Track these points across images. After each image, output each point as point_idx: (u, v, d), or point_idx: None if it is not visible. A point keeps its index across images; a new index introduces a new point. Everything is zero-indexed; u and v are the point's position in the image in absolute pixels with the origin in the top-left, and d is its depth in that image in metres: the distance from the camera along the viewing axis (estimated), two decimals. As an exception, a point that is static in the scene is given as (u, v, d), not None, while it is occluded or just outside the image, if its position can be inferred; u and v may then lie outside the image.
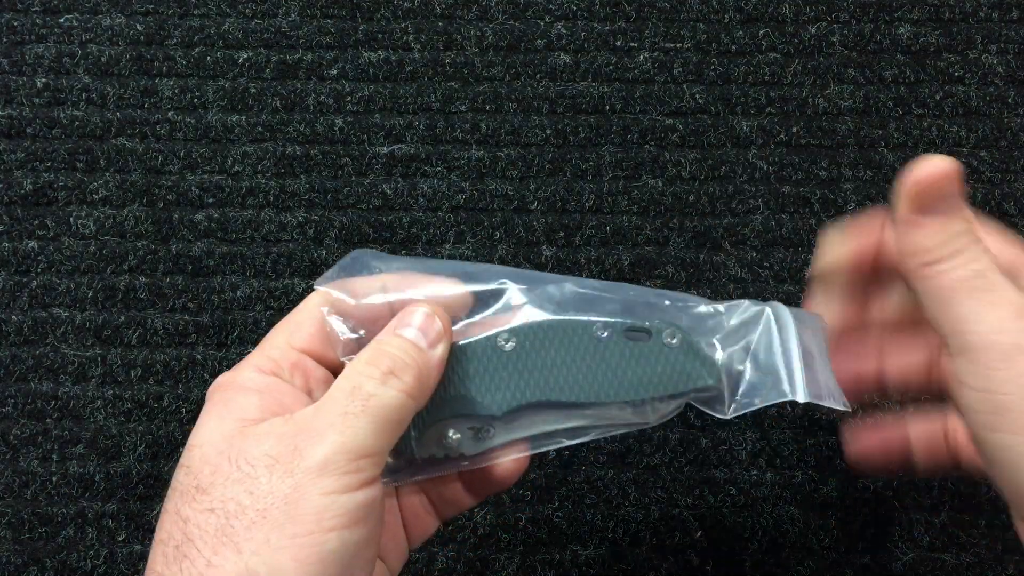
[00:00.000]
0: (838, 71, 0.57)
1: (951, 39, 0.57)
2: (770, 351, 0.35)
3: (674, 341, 0.35)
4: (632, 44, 0.57)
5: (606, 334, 0.35)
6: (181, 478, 0.30)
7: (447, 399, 0.34)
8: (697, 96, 0.56)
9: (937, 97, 0.56)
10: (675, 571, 0.49)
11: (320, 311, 0.34)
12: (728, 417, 0.35)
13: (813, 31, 0.57)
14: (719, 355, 0.35)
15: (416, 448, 0.34)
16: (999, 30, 0.57)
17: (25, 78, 0.57)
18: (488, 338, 0.35)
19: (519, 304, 0.36)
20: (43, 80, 0.56)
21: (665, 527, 0.50)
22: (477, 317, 0.35)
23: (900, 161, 0.55)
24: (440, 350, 0.32)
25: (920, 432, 0.37)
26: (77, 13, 0.58)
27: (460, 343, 0.35)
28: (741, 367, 0.35)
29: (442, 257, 0.53)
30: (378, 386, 0.30)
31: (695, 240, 0.54)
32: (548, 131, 0.56)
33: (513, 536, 0.49)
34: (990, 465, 0.28)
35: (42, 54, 0.57)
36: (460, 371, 0.34)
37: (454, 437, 0.34)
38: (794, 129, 0.56)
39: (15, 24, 0.57)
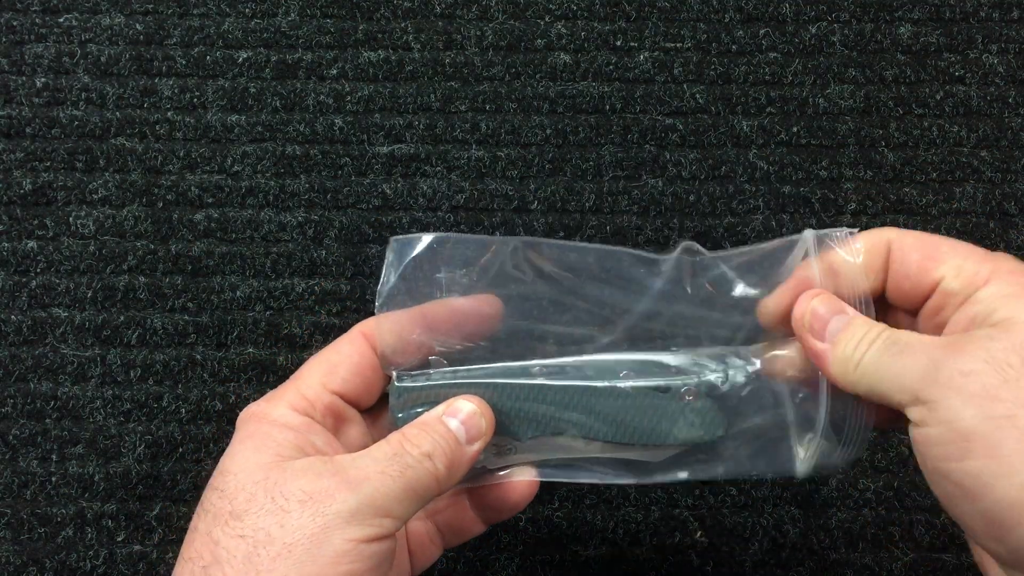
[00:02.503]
0: (838, 71, 0.57)
1: (951, 39, 0.57)
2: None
3: (690, 398, 0.38)
4: (632, 44, 0.57)
5: (630, 384, 0.38)
6: (214, 500, 0.32)
7: None
8: (697, 96, 0.56)
9: (938, 97, 0.56)
10: (675, 571, 0.49)
11: (356, 354, 0.36)
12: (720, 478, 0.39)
13: (813, 31, 0.57)
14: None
15: None
16: (1000, 30, 0.57)
17: (25, 78, 0.56)
18: (521, 367, 0.38)
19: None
20: (43, 80, 0.56)
21: (665, 527, 0.50)
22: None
23: (900, 161, 0.55)
24: (476, 447, 0.35)
25: None
26: (77, 13, 0.58)
27: (492, 367, 0.38)
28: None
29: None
30: (416, 461, 0.33)
31: (695, 240, 0.54)
32: (548, 131, 0.56)
33: (513, 536, 0.49)
34: (953, 497, 0.30)
35: (42, 54, 0.57)
36: (494, 395, 0.37)
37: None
38: (794, 129, 0.56)
39: (15, 24, 0.57)
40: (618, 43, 0.57)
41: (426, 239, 0.38)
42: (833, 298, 0.35)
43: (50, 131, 0.56)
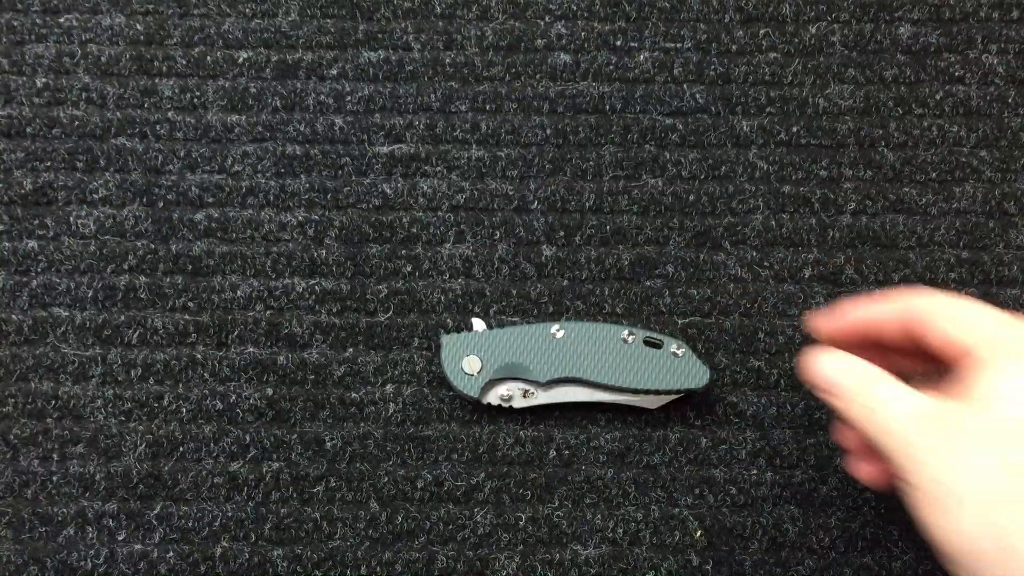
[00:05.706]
0: (838, 71, 0.57)
1: (951, 39, 0.57)
2: None
3: (679, 352, 0.49)
4: (632, 44, 0.57)
5: (631, 339, 0.49)
6: None
7: (508, 366, 0.49)
8: (697, 96, 0.56)
9: (937, 97, 0.56)
10: (675, 571, 0.49)
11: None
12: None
13: (813, 31, 0.57)
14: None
15: (480, 396, 0.49)
16: (999, 30, 0.57)
17: (25, 78, 0.57)
18: (544, 326, 0.49)
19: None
20: (43, 80, 0.56)
21: (665, 527, 0.50)
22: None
23: (900, 161, 0.55)
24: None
25: None
26: (77, 13, 0.58)
27: (522, 327, 0.49)
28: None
29: (443, 256, 0.53)
30: None
31: (695, 240, 0.54)
32: (548, 131, 0.56)
33: (513, 536, 0.49)
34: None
35: (42, 54, 0.57)
36: (520, 347, 0.49)
37: (507, 393, 0.49)
38: (794, 129, 0.56)
39: (15, 24, 0.58)
40: (618, 43, 0.57)
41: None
42: (848, 364, 0.40)
43: (50, 131, 0.56)
